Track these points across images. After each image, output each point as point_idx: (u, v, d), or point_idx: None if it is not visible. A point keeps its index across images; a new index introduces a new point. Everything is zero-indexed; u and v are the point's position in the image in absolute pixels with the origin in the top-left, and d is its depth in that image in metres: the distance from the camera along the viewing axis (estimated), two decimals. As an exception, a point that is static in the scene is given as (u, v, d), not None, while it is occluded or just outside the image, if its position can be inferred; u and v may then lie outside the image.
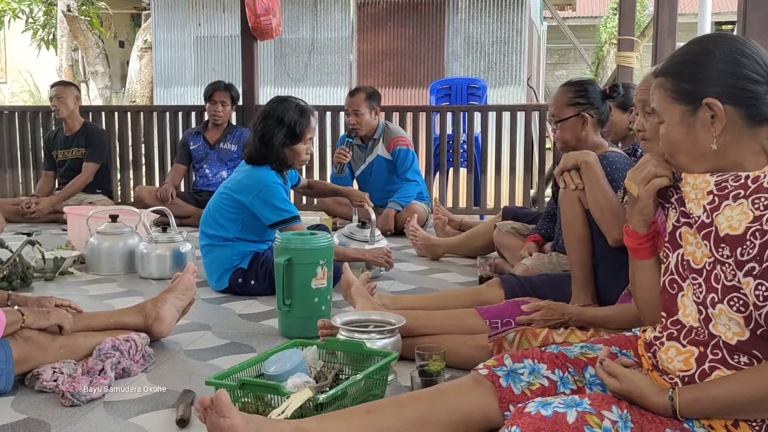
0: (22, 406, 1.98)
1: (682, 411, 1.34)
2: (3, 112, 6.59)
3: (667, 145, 1.48)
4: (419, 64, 10.17)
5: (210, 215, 3.26)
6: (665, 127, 1.47)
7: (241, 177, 3.19)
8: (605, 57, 16.28)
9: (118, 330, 2.34)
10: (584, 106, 2.85)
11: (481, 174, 5.91)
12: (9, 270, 3.28)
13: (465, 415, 1.57)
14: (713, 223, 1.38)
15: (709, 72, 1.40)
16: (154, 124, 6.26)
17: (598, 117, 2.87)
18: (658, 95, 1.48)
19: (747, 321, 1.33)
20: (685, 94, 1.42)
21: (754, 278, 1.30)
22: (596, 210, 2.43)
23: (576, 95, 2.88)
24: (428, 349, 2.04)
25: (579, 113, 2.83)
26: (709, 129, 1.40)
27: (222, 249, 3.21)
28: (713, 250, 1.38)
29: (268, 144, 3.12)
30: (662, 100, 1.47)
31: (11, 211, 5.38)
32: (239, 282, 3.20)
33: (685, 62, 1.44)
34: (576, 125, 2.86)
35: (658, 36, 5.06)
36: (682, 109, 1.43)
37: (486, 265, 3.30)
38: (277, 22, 5.82)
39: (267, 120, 3.15)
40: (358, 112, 4.84)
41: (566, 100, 2.88)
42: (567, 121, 2.86)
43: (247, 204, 3.12)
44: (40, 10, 13.10)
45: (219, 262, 3.22)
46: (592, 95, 2.87)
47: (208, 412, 1.52)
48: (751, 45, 1.42)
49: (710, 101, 1.39)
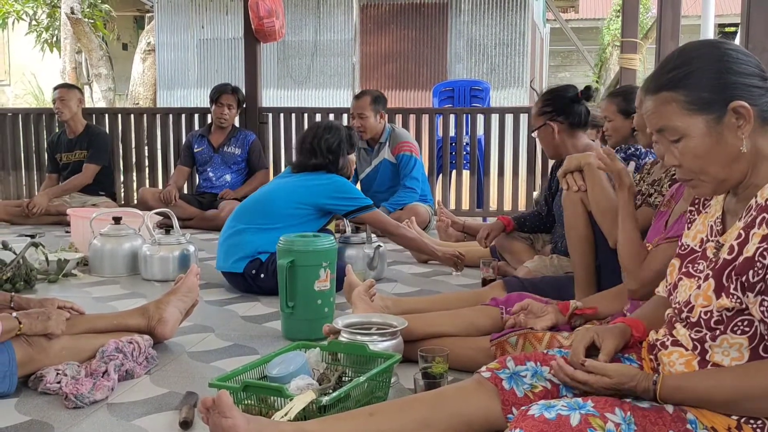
0: (26, 407, 1.98)
1: (662, 395, 1.39)
2: (7, 114, 6.61)
3: (694, 160, 1.39)
4: (422, 67, 10.18)
5: (262, 206, 3.34)
6: (687, 143, 1.38)
7: (314, 182, 3.38)
8: (608, 59, 16.28)
9: (121, 332, 2.34)
10: (549, 114, 2.94)
11: (483, 176, 5.91)
12: (12, 272, 3.29)
13: (468, 418, 1.57)
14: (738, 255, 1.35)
15: (725, 76, 1.36)
16: (157, 126, 6.27)
17: (569, 122, 2.93)
18: (669, 111, 1.39)
19: (751, 340, 1.35)
20: (706, 103, 1.36)
21: (760, 294, 1.30)
22: (598, 212, 2.43)
23: (543, 104, 2.99)
24: (431, 352, 2.04)
25: (545, 122, 2.90)
26: (736, 132, 1.36)
27: (256, 234, 3.26)
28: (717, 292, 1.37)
29: (335, 153, 3.42)
30: (676, 115, 1.38)
31: (15, 213, 5.42)
32: (252, 273, 3.23)
33: (693, 72, 1.38)
34: (546, 133, 2.97)
35: (662, 38, 5.06)
36: (706, 119, 1.36)
37: (489, 268, 3.30)
38: (280, 24, 5.83)
39: (332, 132, 3.46)
40: (362, 115, 4.85)
41: (536, 111, 3.02)
42: (539, 130, 2.95)
43: (324, 203, 3.34)
44: (43, 12, 13.13)
45: (244, 245, 3.26)
46: (557, 103, 2.95)
47: (210, 412, 1.52)
48: (731, 44, 1.42)
49: (738, 104, 1.34)
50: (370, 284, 2.51)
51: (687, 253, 1.52)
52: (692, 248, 1.52)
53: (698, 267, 1.46)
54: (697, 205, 1.58)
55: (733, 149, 1.37)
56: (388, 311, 2.45)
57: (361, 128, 4.84)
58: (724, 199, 1.48)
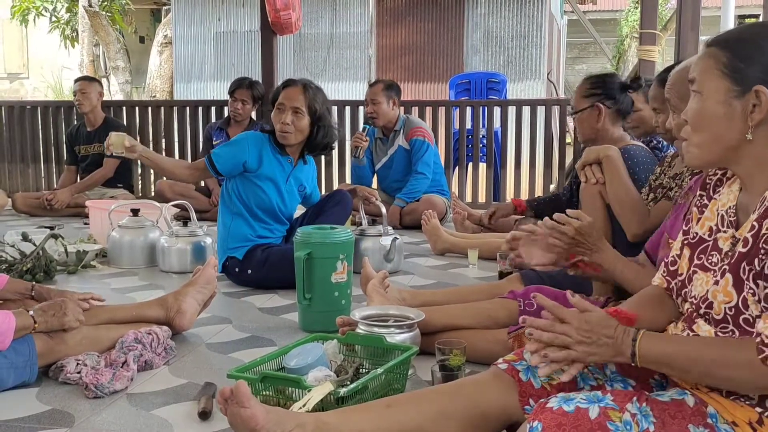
0: (47, 397, 2.01)
1: (641, 354, 1.36)
2: (26, 107, 6.68)
3: (697, 119, 1.39)
4: (438, 59, 10.15)
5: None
6: (701, 100, 1.38)
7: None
8: (626, 51, 16.16)
9: (141, 323, 2.36)
10: (599, 96, 2.87)
11: (500, 169, 5.90)
12: (32, 263, 3.32)
13: (485, 410, 1.57)
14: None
15: (765, 58, 1.34)
16: (174, 118, 6.30)
17: (616, 108, 2.88)
18: (706, 65, 1.38)
19: None
20: (738, 73, 1.34)
21: (761, 279, 1.29)
22: (616, 204, 2.42)
23: (592, 87, 2.91)
24: (449, 344, 2.04)
25: (593, 104, 2.84)
26: (746, 118, 1.35)
27: (220, 233, 3.36)
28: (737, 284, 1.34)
29: None
30: (709, 71, 1.38)
31: (34, 205, 5.47)
32: (236, 271, 3.28)
33: (748, 42, 1.36)
34: (591, 116, 2.88)
35: (681, 29, 5.01)
36: (728, 87, 1.35)
37: (506, 261, 3.29)
38: (297, 16, 5.83)
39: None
40: (375, 101, 4.89)
41: (582, 92, 2.92)
42: (583, 112, 2.88)
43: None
44: (62, 7, 13.21)
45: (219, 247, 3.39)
46: (608, 87, 2.88)
47: (229, 403, 1.53)
48: None
49: (761, 88, 1.32)
50: (383, 276, 2.51)
51: (697, 242, 1.49)
52: (701, 237, 1.49)
53: (712, 259, 1.43)
54: (708, 191, 1.54)
55: (734, 132, 1.35)
56: (405, 303, 2.45)
57: (373, 113, 4.89)
58: (739, 191, 1.46)
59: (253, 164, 3.21)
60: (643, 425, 1.30)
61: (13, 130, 6.60)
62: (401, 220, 4.77)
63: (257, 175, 3.23)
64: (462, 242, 3.96)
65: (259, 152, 3.23)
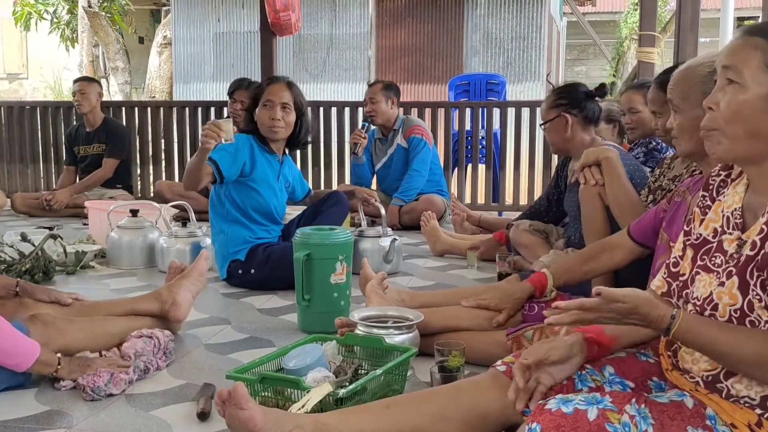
0: (45, 398, 2.00)
1: (676, 333, 1.34)
2: (25, 107, 6.67)
3: (732, 112, 1.32)
4: (438, 60, 10.15)
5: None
6: (739, 93, 1.31)
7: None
8: (626, 53, 16.17)
9: (137, 316, 2.39)
10: (565, 107, 3.00)
11: (499, 170, 5.90)
12: (31, 263, 3.32)
13: (483, 411, 1.57)
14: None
15: None
16: (173, 119, 6.30)
17: (583, 116, 2.98)
18: (748, 56, 1.31)
19: None
20: None
21: None
22: (615, 206, 2.42)
23: (558, 97, 3.04)
24: (448, 345, 2.04)
25: (560, 114, 2.94)
26: None
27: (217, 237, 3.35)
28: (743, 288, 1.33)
29: None
30: (753, 62, 1.30)
31: (33, 205, 5.48)
32: (239, 273, 3.26)
33: None
34: (559, 126, 3.00)
35: (680, 31, 5.01)
36: None
37: (505, 262, 3.30)
38: (296, 17, 5.83)
39: None
40: (374, 100, 4.92)
41: (549, 103, 3.06)
42: (551, 122, 2.97)
43: None
44: (63, 8, 13.20)
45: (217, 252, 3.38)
46: (573, 96, 3.02)
47: (226, 404, 1.53)
48: None
49: None
50: (382, 277, 2.51)
51: (700, 243, 1.46)
52: (705, 238, 1.46)
53: (715, 261, 1.41)
54: (711, 191, 1.51)
55: None
56: (404, 305, 2.45)
57: (372, 112, 4.92)
58: (744, 192, 1.44)
59: (248, 167, 3.21)
60: (642, 427, 1.30)
61: (13, 131, 6.59)
62: (400, 219, 4.78)
63: (252, 178, 3.22)
64: (461, 243, 3.97)
65: (252, 154, 3.23)
